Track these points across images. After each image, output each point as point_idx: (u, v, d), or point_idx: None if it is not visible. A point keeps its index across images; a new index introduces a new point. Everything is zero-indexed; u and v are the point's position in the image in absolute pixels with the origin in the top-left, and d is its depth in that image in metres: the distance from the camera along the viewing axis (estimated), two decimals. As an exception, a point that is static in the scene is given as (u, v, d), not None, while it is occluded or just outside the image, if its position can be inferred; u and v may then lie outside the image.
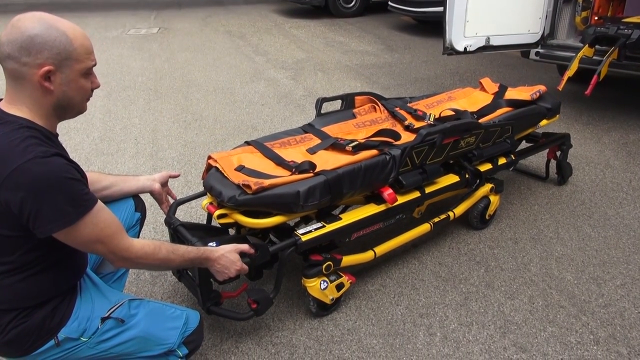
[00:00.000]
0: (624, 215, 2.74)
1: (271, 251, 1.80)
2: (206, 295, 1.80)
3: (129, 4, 11.63)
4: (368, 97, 2.58)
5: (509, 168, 2.61)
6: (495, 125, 2.40)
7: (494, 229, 2.64)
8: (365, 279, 2.28)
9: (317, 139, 2.25)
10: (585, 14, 4.18)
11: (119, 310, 1.45)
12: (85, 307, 1.42)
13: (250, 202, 1.77)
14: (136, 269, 1.42)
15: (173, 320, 1.55)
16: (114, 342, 1.43)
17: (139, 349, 1.48)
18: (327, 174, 1.87)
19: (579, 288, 2.20)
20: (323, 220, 1.95)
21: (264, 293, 1.84)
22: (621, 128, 3.91)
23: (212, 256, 1.58)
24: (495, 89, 2.83)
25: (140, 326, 1.47)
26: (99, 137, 3.94)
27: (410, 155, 2.07)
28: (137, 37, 7.78)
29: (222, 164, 1.94)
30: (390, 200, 2.04)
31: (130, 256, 1.36)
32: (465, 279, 2.27)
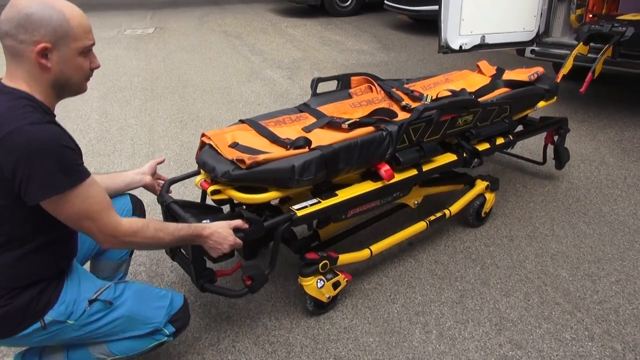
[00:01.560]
0: (619, 212, 2.76)
1: (266, 226, 1.76)
2: (200, 272, 1.78)
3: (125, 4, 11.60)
4: (364, 78, 2.55)
5: (507, 148, 2.59)
6: (493, 104, 2.39)
7: (490, 227, 2.65)
8: (362, 277, 2.29)
9: (313, 117, 2.21)
10: (579, 11, 4.19)
11: (105, 293, 1.45)
12: (72, 290, 1.42)
13: (244, 177, 1.74)
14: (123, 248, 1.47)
15: (159, 300, 1.55)
16: (100, 323, 1.44)
17: (125, 328, 1.48)
18: (322, 149, 1.85)
19: (574, 285, 2.21)
20: (319, 196, 1.92)
21: (259, 269, 1.81)
22: (616, 125, 3.93)
23: (203, 233, 1.56)
24: (492, 72, 2.82)
25: (127, 306, 1.47)
26: (95, 138, 3.94)
27: (407, 131, 2.05)
28: (133, 37, 7.77)
29: (216, 141, 1.91)
30: (387, 177, 2.01)
31: (118, 234, 1.35)
32: (461, 277, 2.28)
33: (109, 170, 3.38)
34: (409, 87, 2.57)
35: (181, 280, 2.31)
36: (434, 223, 2.38)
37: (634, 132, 3.80)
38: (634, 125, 3.92)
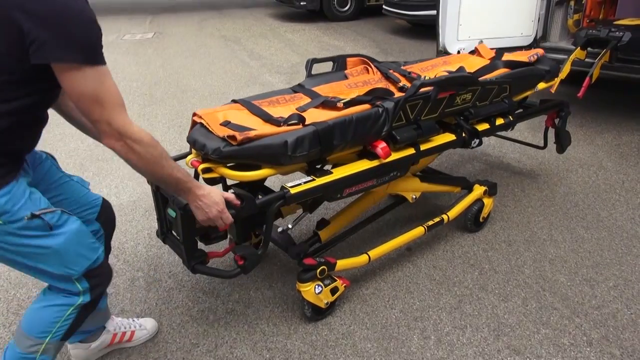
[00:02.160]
0: (617, 217, 2.76)
1: (258, 204, 1.70)
2: (190, 253, 1.74)
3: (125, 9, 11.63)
4: (360, 59, 2.50)
5: (507, 129, 2.54)
6: (492, 83, 2.34)
7: (488, 232, 2.65)
8: (360, 282, 2.28)
9: (308, 98, 2.16)
10: (577, 16, 4.21)
11: (50, 215, 1.41)
12: (21, 191, 1.37)
13: (235, 154, 1.69)
14: (124, 159, 1.36)
15: (88, 250, 1.51)
16: (26, 241, 1.38)
17: (42, 260, 1.43)
18: (317, 125, 1.81)
19: (572, 290, 2.21)
20: (313, 174, 1.88)
21: (251, 249, 1.77)
22: (614, 130, 3.94)
23: (197, 190, 1.51)
24: (491, 55, 2.79)
25: (60, 240, 1.42)
26: (94, 143, 3.93)
27: (404, 109, 2.00)
28: (132, 42, 7.79)
29: (207, 120, 1.86)
30: (384, 155, 1.96)
31: (125, 133, 1.30)
32: (460, 282, 2.28)
33: (107, 175, 3.38)
34: (406, 69, 2.51)
35: (179, 285, 2.30)
36: (432, 228, 2.38)
37: (632, 136, 3.81)
38: (631, 129, 3.93)
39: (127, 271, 2.42)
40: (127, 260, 2.51)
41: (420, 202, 2.95)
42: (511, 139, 3.34)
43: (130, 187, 3.23)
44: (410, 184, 2.36)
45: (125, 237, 2.70)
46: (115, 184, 3.28)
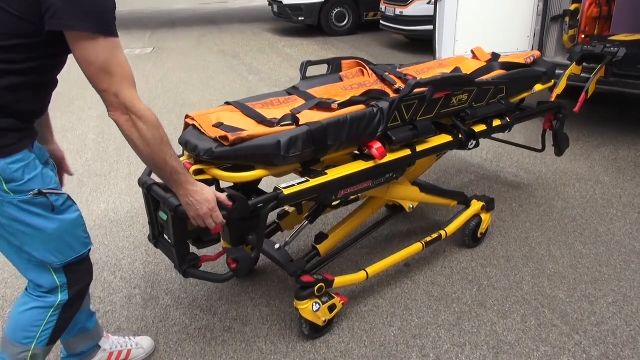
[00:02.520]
0: (615, 232, 2.76)
1: (251, 205, 1.67)
2: (182, 256, 1.70)
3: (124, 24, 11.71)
4: (356, 61, 2.48)
5: (504, 131, 2.51)
6: (489, 83, 2.33)
7: (486, 247, 2.64)
8: (358, 299, 2.27)
9: (302, 100, 2.14)
10: (572, 32, 4.25)
11: (55, 197, 1.40)
12: (34, 163, 1.36)
13: (227, 155, 1.66)
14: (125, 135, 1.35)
15: (78, 243, 1.49)
16: (22, 217, 1.36)
17: (30, 241, 1.40)
18: (310, 125, 1.78)
19: (572, 306, 2.20)
20: (307, 175, 1.85)
21: (244, 252, 1.74)
22: (611, 144, 3.95)
23: (189, 185, 1.48)
24: (488, 57, 2.78)
25: (55, 225, 1.41)
26: (92, 158, 3.95)
27: (400, 109, 1.98)
28: (131, 57, 7.83)
29: (200, 121, 1.83)
30: (379, 155, 1.93)
31: (132, 107, 1.31)
32: (458, 299, 2.27)
33: (106, 190, 3.38)
34: (402, 72, 2.50)
35: (176, 303, 2.29)
36: (430, 244, 2.38)
37: (628, 151, 3.82)
38: (628, 144, 3.95)
39: (124, 288, 2.40)
40: (124, 277, 2.49)
41: (418, 218, 2.95)
42: (509, 142, 3.32)
43: (127, 203, 3.23)
44: (409, 193, 2.35)
45: (122, 254, 2.69)
46: (112, 200, 3.28)
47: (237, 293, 2.34)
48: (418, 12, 7.25)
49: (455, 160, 3.76)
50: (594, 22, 4.27)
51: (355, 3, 9.27)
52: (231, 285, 2.39)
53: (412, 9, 7.36)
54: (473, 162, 3.73)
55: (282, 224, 2.37)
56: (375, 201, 2.34)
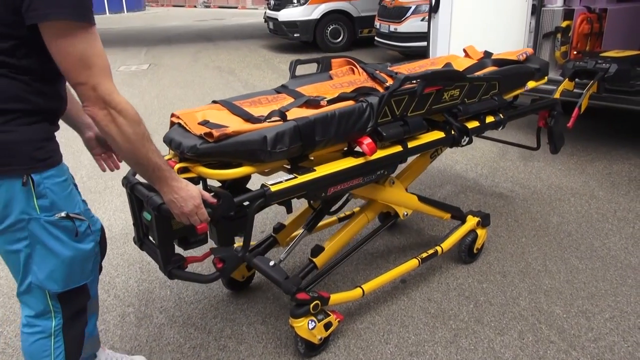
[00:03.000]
0: (610, 247, 2.76)
1: (236, 202, 1.62)
2: (167, 257, 1.65)
3: (120, 41, 11.79)
4: (346, 60, 2.44)
5: (498, 127, 2.47)
6: (480, 79, 2.29)
7: (482, 263, 2.64)
8: (354, 316, 2.25)
9: (291, 98, 2.09)
10: (564, 48, 4.31)
11: (83, 224, 1.37)
12: (66, 183, 1.34)
13: (212, 151, 1.62)
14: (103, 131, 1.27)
15: (82, 275, 1.46)
16: (43, 237, 1.31)
17: (39, 262, 1.36)
18: (298, 120, 1.74)
19: (568, 322, 2.19)
20: (295, 172, 1.81)
21: (230, 251, 1.68)
22: (604, 159, 3.98)
23: (173, 182, 1.42)
24: (480, 55, 2.76)
25: (71, 254, 1.37)
26: (87, 175, 3.93)
27: (390, 104, 1.95)
28: (127, 73, 7.86)
29: (185, 119, 1.79)
30: (369, 151, 1.89)
31: (112, 102, 1.23)
32: (455, 315, 2.25)
33: (100, 207, 3.36)
34: (393, 70, 2.45)
35: (170, 321, 2.26)
36: (426, 260, 2.37)
37: (622, 165, 3.85)
38: (621, 158, 3.97)
39: (117, 306, 2.38)
40: (118, 295, 2.47)
41: (413, 233, 2.95)
42: (503, 141, 3.31)
43: (122, 220, 3.21)
44: (406, 199, 2.33)
45: (116, 271, 2.67)
46: (107, 217, 3.26)
47: (232, 311, 2.32)
48: (412, 28, 7.34)
49: (451, 176, 3.77)
50: (585, 38, 4.32)
51: (350, 20, 9.38)
52: (226, 303, 2.37)
53: (406, 25, 7.46)
54: (468, 177, 3.74)
55: (279, 237, 2.35)
56: (370, 209, 2.31)
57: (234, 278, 2.39)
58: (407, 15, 7.45)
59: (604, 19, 4.36)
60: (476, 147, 4.37)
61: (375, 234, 2.41)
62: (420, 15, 7.23)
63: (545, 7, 4.17)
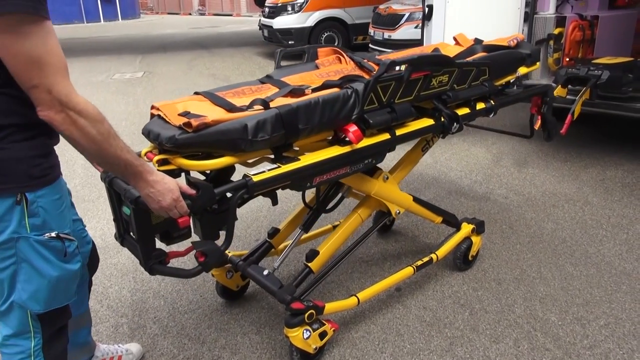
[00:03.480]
0: (605, 253, 2.77)
1: (217, 193, 1.57)
2: (147, 252, 1.60)
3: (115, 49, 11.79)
4: (332, 49, 2.39)
5: (489, 114, 2.40)
6: (469, 64, 2.24)
7: (477, 270, 2.63)
8: (349, 325, 2.24)
9: (276, 88, 2.03)
10: (557, 55, 4.33)
11: (69, 242, 1.33)
12: (61, 201, 1.30)
13: (191, 141, 1.56)
14: (64, 136, 1.20)
15: (65, 295, 1.42)
16: (30, 257, 1.27)
17: (23, 282, 1.31)
18: (280, 108, 1.69)
19: (564, 329, 2.19)
20: (279, 162, 1.76)
21: (212, 244, 1.62)
22: (598, 165, 3.99)
23: (148, 176, 1.35)
24: (470, 43, 2.72)
25: (57, 274, 1.33)
26: (80, 184, 3.91)
27: (376, 90, 1.89)
28: (121, 81, 7.86)
29: (165, 111, 1.72)
30: (355, 139, 1.83)
31: (68, 103, 1.14)
32: (450, 323, 2.25)
33: (94, 216, 3.34)
34: (381, 58, 2.34)
35: (164, 332, 2.24)
36: (421, 268, 2.36)
37: (616, 171, 3.86)
38: (615, 164, 3.99)
39: (110, 317, 2.36)
40: (111, 305, 2.44)
41: (408, 241, 2.94)
42: (495, 130, 3.30)
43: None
44: (399, 196, 2.31)
45: (109, 282, 2.65)
46: (100, 226, 3.24)
47: (226, 321, 2.30)
48: (406, 35, 7.37)
49: (445, 182, 3.78)
50: (577, 45, 4.35)
51: (345, 27, 9.42)
52: (220, 312, 2.36)
53: (400, 32, 7.49)
54: (463, 183, 3.75)
55: (274, 242, 2.33)
56: (363, 209, 2.28)
57: (228, 287, 2.38)
58: (401, 23, 7.49)
59: (596, 26, 4.40)
60: (470, 153, 4.39)
61: (369, 234, 2.36)
62: (414, 22, 7.27)
63: (537, 14, 4.20)
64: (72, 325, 1.60)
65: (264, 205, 3.43)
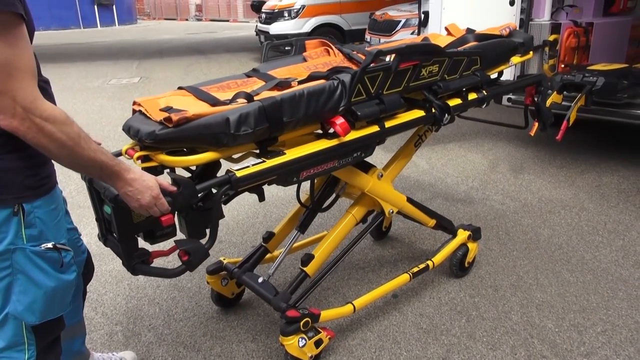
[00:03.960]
0: (601, 259, 2.77)
1: (199, 189, 1.53)
2: (129, 252, 1.56)
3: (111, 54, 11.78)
4: (320, 41, 2.34)
5: (482, 105, 2.34)
6: (460, 53, 2.19)
7: (474, 276, 2.63)
8: (345, 332, 2.23)
9: (262, 81, 1.98)
10: (552, 62, 4.35)
11: (65, 253, 1.31)
12: (57, 211, 1.28)
13: (172, 136, 1.51)
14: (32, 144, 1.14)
15: (60, 306, 1.39)
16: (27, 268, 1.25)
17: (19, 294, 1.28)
18: (263, 101, 1.65)
19: (560, 336, 2.18)
20: (264, 156, 1.71)
21: (196, 242, 1.58)
22: (594, 171, 4.00)
23: (126, 175, 1.30)
24: (462, 33, 2.63)
25: (54, 284, 1.31)
26: (76, 190, 3.89)
27: (363, 81, 1.84)
28: (118, 86, 7.84)
29: (147, 106, 1.67)
30: (343, 131, 1.78)
31: (35, 111, 1.09)
32: (447, 330, 2.24)
33: (89, 223, 3.32)
34: (370, 50, 2.31)
35: (159, 339, 2.22)
36: (417, 275, 2.36)
37: (611, 177, 3.87)
38: (610, 170, 4.00)
39: (105, 325, 2.34)
40: (106, 313, 2.43)
41: (404, 247, 2.94)
42: (489, 122, 3.26)
43: (111, 235, 3.17)
44: (393, 195, 2.30)
45: (104, 289, 2.63)
46: (94, 232, 3.19)
47: (221, 328, 2.29)
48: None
49: (442, 188, 3.78)
50: (572, 52, 4.37)
51: (341, 33, 9.44)
52: (215, 320, 2.34)
53: (396, 38, 7.51)
54: (459, 189, 3.75)
55: (269, 246, 2.32)
56: (358, 209, 2.25)
57: (223, 295, 2.36)
58: (397, 29, 7.51)
59: (591, 33, 4.42)
60: (467, 159, 4.40)
61: (363, 235, 2.31)
62: (410, 28, 7.29)
63: (533, 21, 4.22)
64: (66, 334, 1.58)
65: (259, 212, 3.42)
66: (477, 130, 5.22)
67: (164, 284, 2.63)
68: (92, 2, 23.26)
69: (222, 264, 2.26)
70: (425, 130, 2.38)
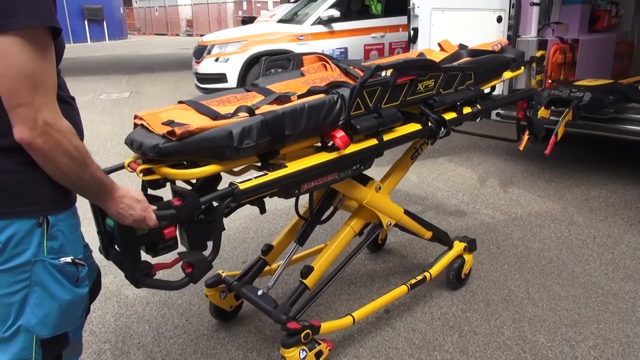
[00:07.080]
0: (591, 273, 2.78)
1: (202, 201, 1.54)
2: (133, 265, 1.56)
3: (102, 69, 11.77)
4: (318, 57, 2.39)
5: (476, 118, 2.40)
6: (455, 68, 2.26)
7: (466, 291, 2.63)
8: (338, 349, 2.21)
9: (261, 95, 2.01)
10: (539, 77, 4.42)
11: (83, 269, 1.30)
12: (76, 225, 1.28)
13: (176, 150, 1.52)
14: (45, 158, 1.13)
15: (72, 320, 1.37)
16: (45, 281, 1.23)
17: (34, 307, 1.26)
18: (265, 114, 1.67)
19: (553, 351, 2.18)
20: (266, 169, 1.74)
21: (199, 254, 1.59)
22: (582, 184, 4.05)
23: (115, 193, 1.30)
24: (455, 49, 2.70)
25: (69, 298, 1.29)
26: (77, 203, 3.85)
27: (362, 96, 1.89)
28: (108, 101, 7.82)
29: (149, 120, 1.68)
30: (343, 144, 1.82)
31: (55, 125, 1.10)
32: (440, 346, 2.23)
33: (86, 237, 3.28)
34: (366, 65, 2.31)
35: (148, 358, 2.19)
36: (415, 286, 2.35)
37: (600, 190, 3.92)
38: (599, 184, 4.05)
39: (93, 343, 2.29)
40: (94, 331, 2.38)
41: (396, 261, 2.93)
42: (482, 135, 3.32)
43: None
44: (391, 208, 2.31)
45: (93, 306, 2.56)
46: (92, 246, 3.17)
47: (212, 345, 2.26)
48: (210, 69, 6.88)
49: (433, 202, 3.79)
50: (559, 67, 4.45)
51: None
52: (206, 337, 2.31)
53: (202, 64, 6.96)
54: (450, 203, 3.77)
55: (268, 259, 2.31)
56: (356, 221, 2.26)
57: (222, 308, 2.34)
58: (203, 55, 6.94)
59: (577, 49, 4.50)
60: (457, 174, 4.42)
61: (362, 247, 2.34)
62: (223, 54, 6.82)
63: (520, 37, 4.30)
64: (66, 352, 1.55)
65: (250, 227, 3.40)
66: (467, 144, 5.27)
67: (153, 300, 2.59)
68: (82, 17, 23.30)
69: (221, 277, 2.25)
70: (421, 143, 2.41)
